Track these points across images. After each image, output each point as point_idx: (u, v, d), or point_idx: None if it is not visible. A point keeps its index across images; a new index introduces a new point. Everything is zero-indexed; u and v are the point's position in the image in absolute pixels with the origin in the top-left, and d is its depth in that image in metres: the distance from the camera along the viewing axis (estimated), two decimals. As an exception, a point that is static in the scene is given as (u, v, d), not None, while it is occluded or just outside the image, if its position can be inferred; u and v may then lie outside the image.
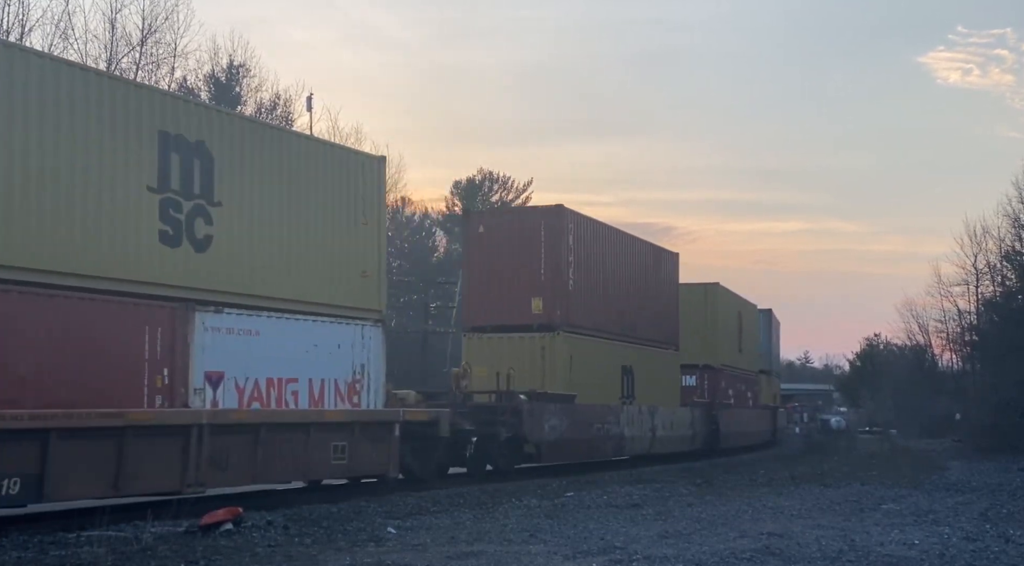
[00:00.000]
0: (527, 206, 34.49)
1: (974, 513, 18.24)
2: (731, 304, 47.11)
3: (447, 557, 12.47)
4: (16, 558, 12.33)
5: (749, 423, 48.47)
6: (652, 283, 36.25)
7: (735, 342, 47.27)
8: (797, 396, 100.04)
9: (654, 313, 36.03)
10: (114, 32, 43.76)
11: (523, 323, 29.05)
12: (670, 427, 36.30)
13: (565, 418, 28.32)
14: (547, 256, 29.18)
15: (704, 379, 42.61)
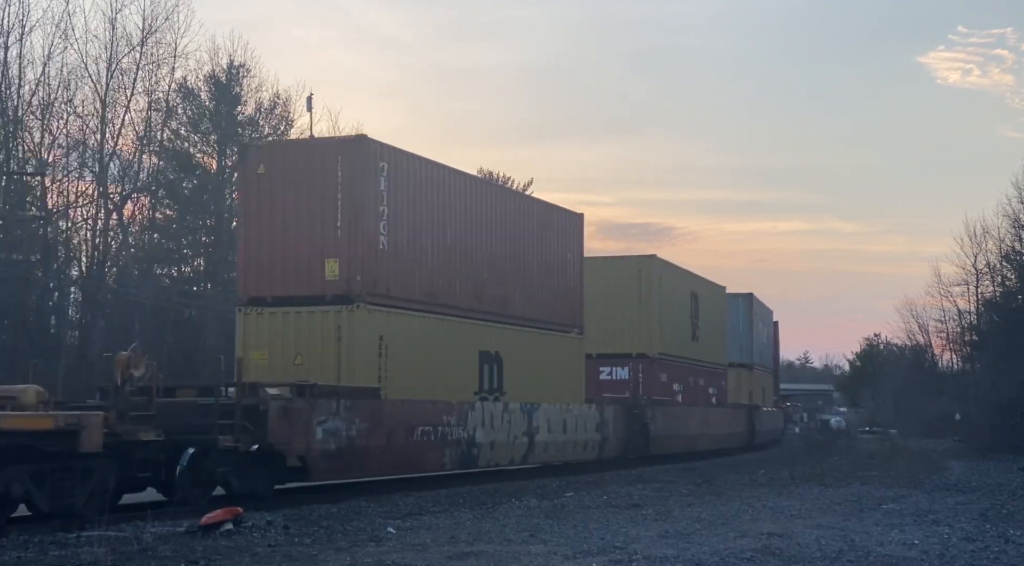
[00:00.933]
0: (322, 138, 28.26)
1: (974, 513, 18.23)
2: (679, 283, 40.81)
3: (447, 557, 12.47)
4: (16, 558, 12.33)
5: (707, 424, 41.94)
6: (539, 249, 29.09)
7: (685, 328, 41.08)
8: (796, 396, 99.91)
9: (543, 287, 29.01)
10: (114, 32, 43.77)
11: (314, 294, 22.06)
12: (562, 430, 28.87)
13: (359, 420, 20.70)
14: (346, 203, 21.88)
15: (638, 371, 36.68)
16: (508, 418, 26.26)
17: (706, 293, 44.31)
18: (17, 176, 41.09)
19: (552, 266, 29.83)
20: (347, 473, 21.26)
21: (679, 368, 39.98)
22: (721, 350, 46.08)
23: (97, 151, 43.09)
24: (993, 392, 49.46)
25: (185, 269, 49.53)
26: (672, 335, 39.13)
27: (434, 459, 23.51)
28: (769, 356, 60.01)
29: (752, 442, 49.46)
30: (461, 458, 24.35)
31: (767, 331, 58.61)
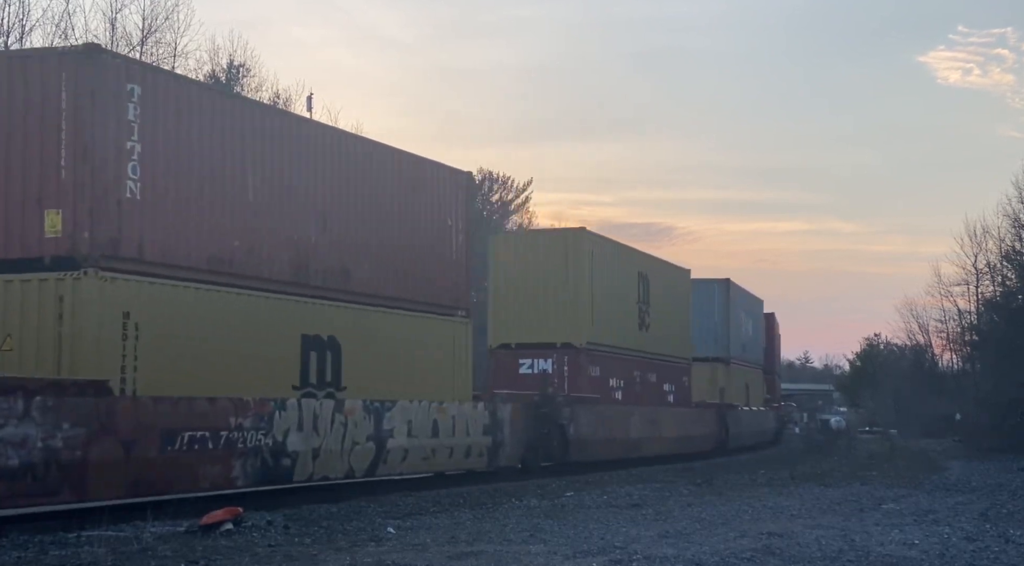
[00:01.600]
0: (40, 48, 22.80)
1: (974, 513, 18.24)
2: (621, 262, 34.95)
3: (447, 557, 12.47)
4: (16, 558, 12.33)
5: (656, 426, 36.21)
6: (404, 212, 23.20)
7: (629, 315, 35.34)
8: (796, 396, 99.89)
9: (410, 259, 23.25)
10: (114, 32, 43.71)
11: (29, 255, 16.34)
12: (430, 433, 22.95)
13: (69, 424, 15.13)
14: (71, 137, 16.25)
15: (563, 364, 31.54)
16: (344, 420, 20.45)
17: (661, 276, 38.32)
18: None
19: (425, 234, 23.81)
20: (47, 498, 15.04)
21: (619, 361, 34.11)
22: (683, 342, 40.37)
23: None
24: (993, 392, 49.47)
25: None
26: (609, 322, 33.23)
27: (213, 474, 17.69)
28: (758, 350, 54.73)
29: (727, 445, 43.63)
30: (262, 471, 18.66)
31: (753, 323, 53.09)
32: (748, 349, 51.55)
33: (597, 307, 32.56)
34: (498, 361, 32.25)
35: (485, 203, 70.66)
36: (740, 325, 49.46)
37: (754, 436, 50.74)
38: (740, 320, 49.50)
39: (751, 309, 52.99)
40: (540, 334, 31.74)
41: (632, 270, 35.80)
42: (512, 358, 31.76)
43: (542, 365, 31.65)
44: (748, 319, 51.69)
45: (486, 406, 25.70)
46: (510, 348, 31.78)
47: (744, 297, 51.34)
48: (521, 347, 31.95)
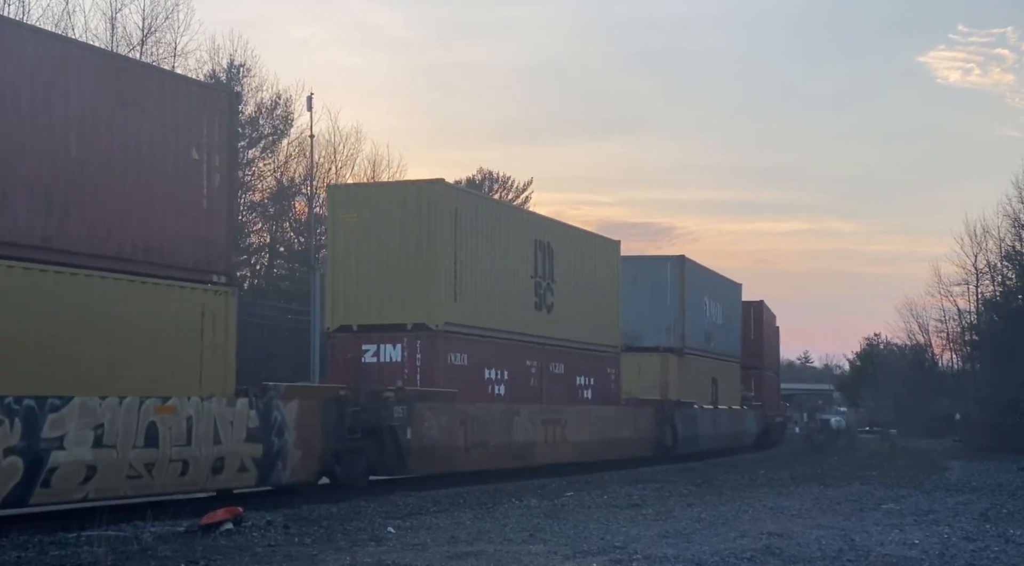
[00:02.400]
0: None
1: (974, 513, 18.24)
2: (505, 226, 28.19)
3: (447, 557, 12.47)
4: (16, 558, 12.34)
5: (558, 428, 29.45)
6: (100, 134, 16.54)
7: (520, 293, 28.51)
8: (796, 396, 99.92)
9: (125, 203, 16.87)
10: (114, 32, 43.70)
11: None
12: (142, 442, 16.43)
13: None
14: None
15: (415, 350, 24.81)
16: None
17: (574, 247, 31.78)
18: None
19: (153, 171, 17.41)
20: None
21: (501, 349, 27.39)
22: (608, 327, 33.67)
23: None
24: (993, 392, 49.51)
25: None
26: (484, 300, 26.65)
27: None
28: (731, 341, 47.50)
29: (674, 450, 36.91)
30: None
31: (725, 309, 46.22)
32: (716, 339, 44.53)
33: (464, 280, 25.74)
34: (336, 348, 25.41)
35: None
36: (702, 311, 42.61)
37: (721, 439, 43.72)
38: (702, 305, 42.62)
39: (721, 294, 45.92)
40: (388, 313, 24.97)
41: (525, 237, 29.08)
42: (354, 344, 24.95)
43: (390, 352, 24.81)
44: (716, 305, 44.62)
45: (253, 403, 18.80)
46: (351, 331, 25.05)
47: (708, 279, 44.26)
48: (365, 330, 25.04)
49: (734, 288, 49.09)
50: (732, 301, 48.27)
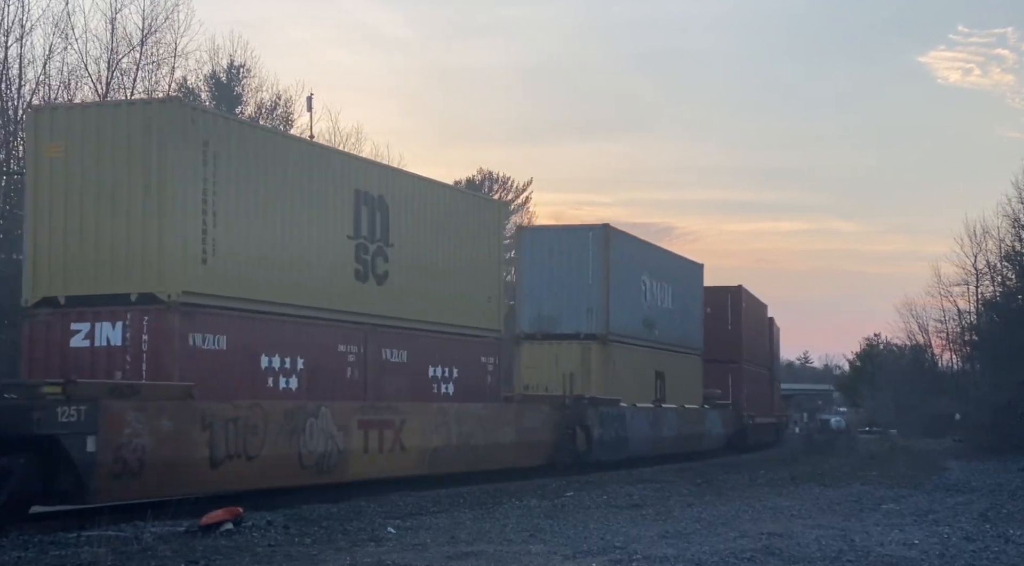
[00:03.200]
0: None
1: (974, 513, 18.24)
2: (301, 165, 21.63)
3: (447, 557, 12.48)
4: (16, 558, 12.34)
5: (386, 432, 22.24)
6: None
7: (334, 256, 22.33)
8: (796, 396, 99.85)
9: None
10: (114, 32, 43.66)
11: None
12: None
13: None
14: None
15: (142, 330, 18.48)
16: None
17: (427, 204, 25.58)
18: (17, 176, 41.06)
19: None
20: None
21: (294, 329, 20.97)
22: (486, 307, 27.61)
23: (97, 151, 43.09)
24: (993, 392, 49.48)
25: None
26: (261, 264, 20.31)
27: None
28: (689, 330, 41.78)
29: (588, 457, 29.96)
30: None
31: (678, 292, 39.98)
32: (663, 326, 38.37)
33: (224, 237, 19.40)
34: (35, 328, 19.05)
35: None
36: (638, 292, 36.20)
37: (666, 443, 36.85)
38: (638, 285, 36.14)
39: (672, 274, 39.35)
40: (106, 281, 18.71)
41: (340, 186, 22.57)
42: (60, 323, 18.83)
43: (108, 333, 18.54)
44: (663, 286, 38.38)
45: None
46: (57, 306, 18.83)
47: (649, 255, 38.02)
48: (76, 303, 18.78)
49: (692, 268, 41.90)
50: (689, 283, 41.51)
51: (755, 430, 50.17)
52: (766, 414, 54.89)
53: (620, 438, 32.47)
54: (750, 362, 50.34)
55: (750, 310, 50.76)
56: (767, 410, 55.67)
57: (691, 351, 42.05)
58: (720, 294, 46.74)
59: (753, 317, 51.80)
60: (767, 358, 56.81)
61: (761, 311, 55.08)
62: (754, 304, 52.11)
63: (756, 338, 52.65)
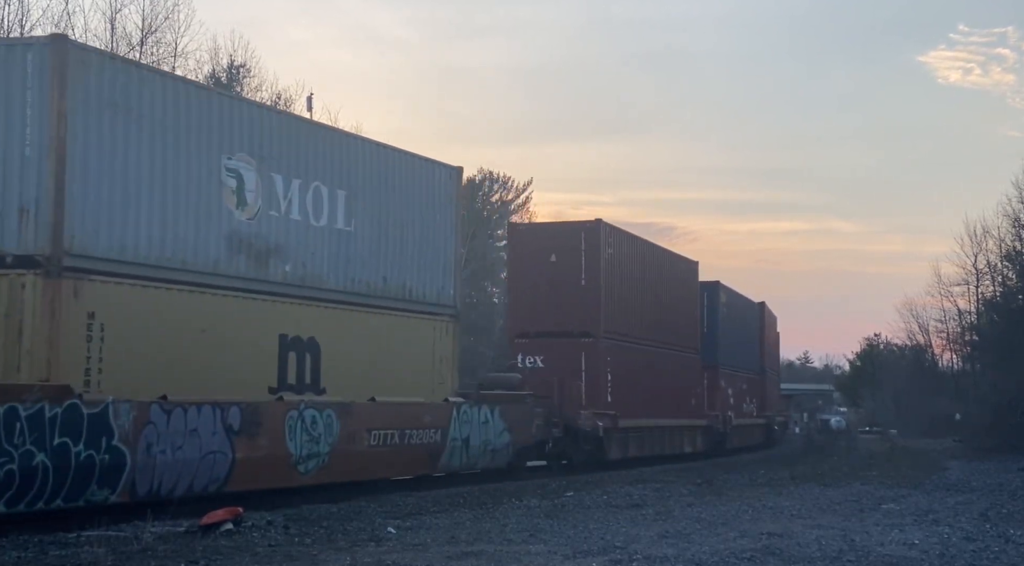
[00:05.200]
0: None
1: (974, 513, 18.24)
2: None
3: (447, 557, 12.48)
4: (16, 558, 12.34)
5: None
6: None
7: None
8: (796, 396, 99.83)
9: None
10: (114, 32, 43.69)
11: None
12: None
13: None
14: None
15: None
16: None
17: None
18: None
19: None
20: None
21: None
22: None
23: (96, 151, 42.94)
24: (993, 392, 49.51)
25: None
26: None
27: None
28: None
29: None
30: None
31: None
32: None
33: None
34: None
35: (485, 203, 70.60)
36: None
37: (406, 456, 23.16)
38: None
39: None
40: None
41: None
42: None
43: None
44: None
45: None
46: None
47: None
48: None
49: (438, 172, 25.17)
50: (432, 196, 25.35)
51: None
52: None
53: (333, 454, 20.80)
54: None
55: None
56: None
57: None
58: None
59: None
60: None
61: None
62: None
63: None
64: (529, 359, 31.31)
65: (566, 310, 31.28)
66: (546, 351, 31.17)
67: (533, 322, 31.59)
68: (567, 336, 31.30)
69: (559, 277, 31.65)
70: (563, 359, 30.82)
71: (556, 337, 31.30)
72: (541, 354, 31.20)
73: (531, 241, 33.15)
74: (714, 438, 43.00)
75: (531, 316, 31.75)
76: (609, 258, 32.40)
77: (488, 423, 25.22)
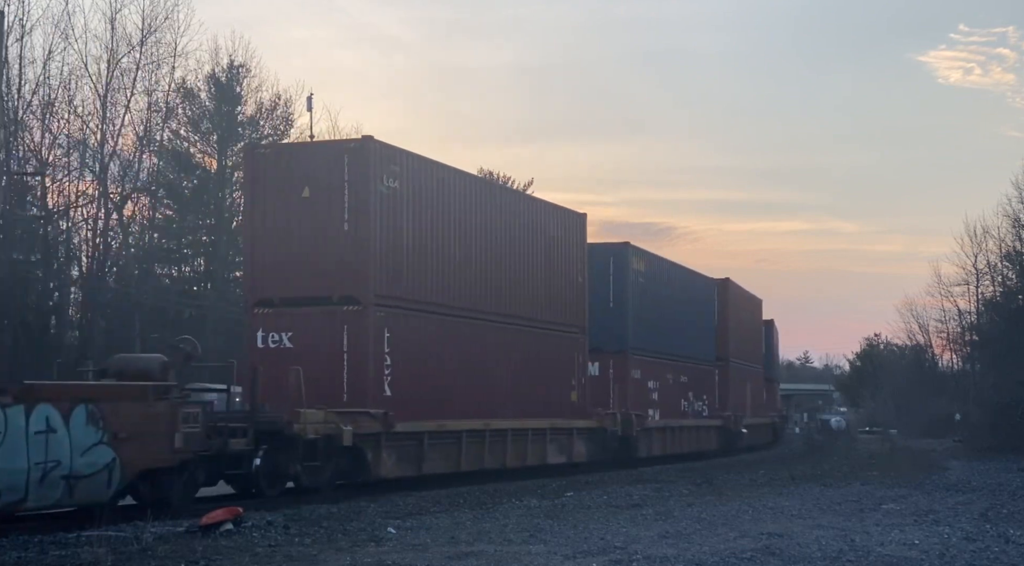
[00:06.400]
0: None
1: (974, 513, 18.24)
2: None
3: (447, 557, 12.48)
4: (16, 558, 12.34)
5: None
6: None
7: None
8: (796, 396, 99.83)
9: None
10: (114, 32, 43.67)
11: None
12: None
13: None
14: None
15: None
16: None
17: None
18: (17, 176, 41.08)
19: None
20: None
21: None
22: None
23: (97, 151, 43.10)
24: (993, 392, 49.50)
25: (185, 269, 50.03)
26: None
27: None
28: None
29: None
30: None
31: None
32: None
33: None
34: None
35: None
36: None
37: None
38: None
39: None
40: None
41: None
42: None
43: None
44: None
45: None
46: None
47: None
48: None
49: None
50: None
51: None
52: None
53: None
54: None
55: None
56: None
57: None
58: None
59: None
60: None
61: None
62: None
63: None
64: (272, 337, 22.16)
65: (324, 267, 22.11)
66: (296, 325, 22.09)
67: (278, 285, 22.41)
68: (324, 303, 22.16)
69: (315, 221, 22.28)
70: (319, 337, 21.91)
71: (309, 305, 22.24)
72: (289, 330, 22.12)
73: (276, 170, 23.01)
74: (612, 444, 32.46)
75: (276, 277, 22.46)
76: (390, 193, 22.61)
77: (58, 433, 15.79)
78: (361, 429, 20.99)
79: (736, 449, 44.85)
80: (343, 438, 20.33)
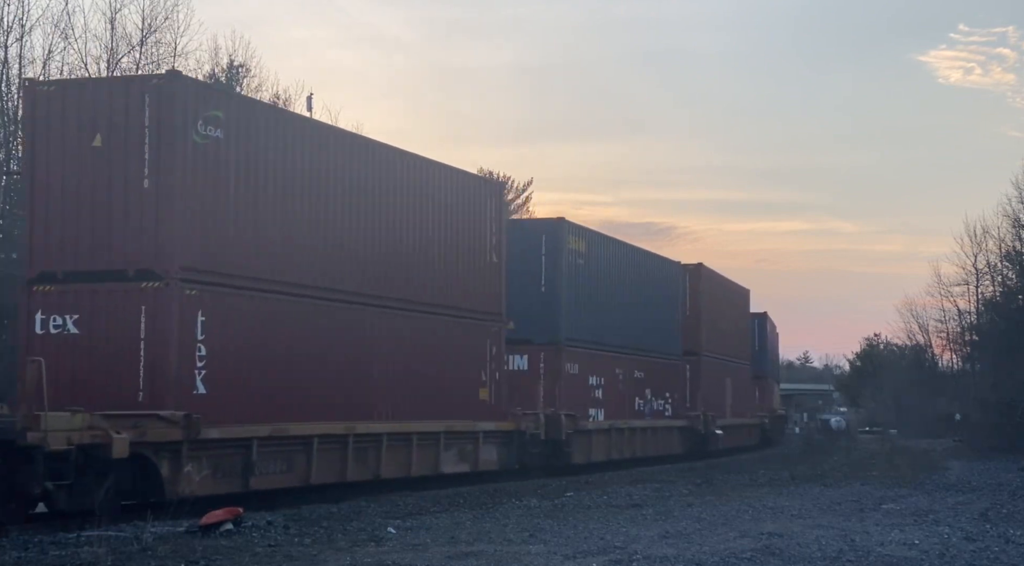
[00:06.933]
0: None
1: (974, 513, 18.24)
2: None
3: (447, 557, 12.48)
4: (16, 558, 12.34)
5: None
6: None
7: None
8: (796, 396, 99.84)
9: None
10: (114, 32, 43.60)
11: None
12: None
13: None
14: None
15: None
16: None
17: None
18: (17, 176, 41.05)
19: None
20: None
21: None
22: None
23: (97, 151, 43.03)
24: (993, 392, 49.50)
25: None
26: None
27: None
28: None
29: None
30: None
31: None
32: None
33: None
34: None
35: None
36: None
37: None
38: None
39: None
40: None
41: None
42: None
43: None
44: None
45: None
46: None
47: None
48: None
49: None
50: None
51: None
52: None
53: None
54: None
55: None
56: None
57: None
58: None
59: None
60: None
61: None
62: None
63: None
64: (55, 320, 17.87)
65: (118, 234, 17.92)
66: (83, 306, 17.81)
67: (63, 256, 18.10)
68: (118, 279, 17.84)
69: (109, 176, 18.02)
70: (111, 321, 17.68)
71: (100, 280, 17.93)
72: (75, 312, 17.84)
73: (61, 114, 18.50)
74: (534, 449, 27.71)
75: (60, 245, 18.15)
76: (211, 144, 18.28)
77: None
78: (147, 436, 16.48)
79: (707, 453, 40.07)
80: (114, 448, 15.61)
